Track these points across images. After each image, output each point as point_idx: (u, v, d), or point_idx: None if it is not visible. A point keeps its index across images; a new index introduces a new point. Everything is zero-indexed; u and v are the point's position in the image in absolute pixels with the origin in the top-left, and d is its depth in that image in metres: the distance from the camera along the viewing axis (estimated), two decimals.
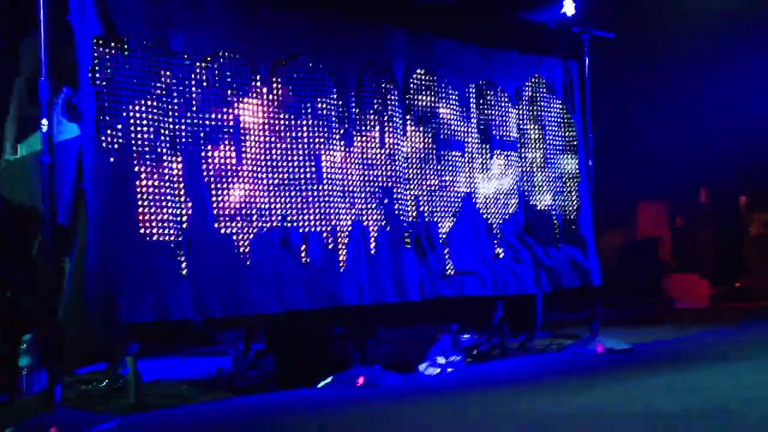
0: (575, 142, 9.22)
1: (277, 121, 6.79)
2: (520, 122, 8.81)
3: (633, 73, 11.12)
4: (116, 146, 5.73)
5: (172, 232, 6.01)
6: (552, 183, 9.04)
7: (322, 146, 7.07)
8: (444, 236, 8.02)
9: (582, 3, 9.15)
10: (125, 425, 5.62)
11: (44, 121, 5.30)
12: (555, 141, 9.13)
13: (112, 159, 5.71)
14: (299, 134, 6.92)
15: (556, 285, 8.87)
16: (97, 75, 5.64)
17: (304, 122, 6.96)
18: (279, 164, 6.79)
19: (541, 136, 8.98)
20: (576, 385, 6.88)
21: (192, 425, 5.82)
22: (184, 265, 6.04)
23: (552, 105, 9.12)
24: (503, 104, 8.67)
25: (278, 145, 6.80)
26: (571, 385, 6.86)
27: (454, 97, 8.20)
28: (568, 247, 9.02)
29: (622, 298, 10.96)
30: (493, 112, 8.56)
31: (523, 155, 8.80)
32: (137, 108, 5.89)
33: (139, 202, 5.83)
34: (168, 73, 6.09)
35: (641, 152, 11.69)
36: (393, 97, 7.62)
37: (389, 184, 7.55)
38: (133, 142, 5.87)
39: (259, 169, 6.66)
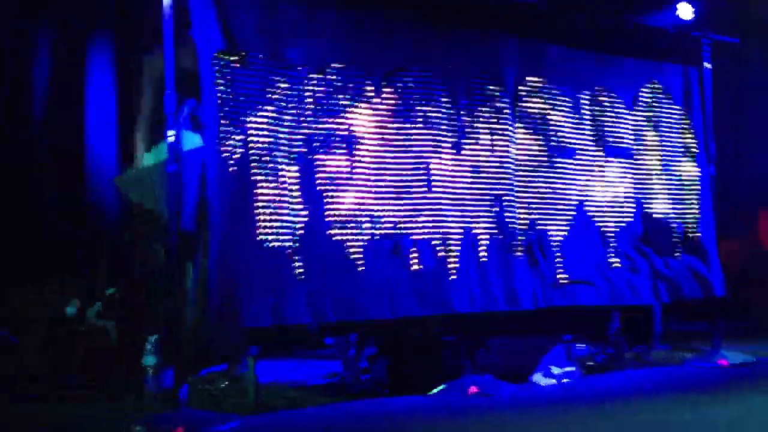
0: (695, 149, 8.90)
1: (388, 130, 6.88)
2: (636, 129, 8.57)
3: (755, 77, 10.62)
4: (237, 156, 5.97)
5: (288, 238, 6.19)
6: (670, 190, 8.74)
7: (432, 154, 7.11)
8: (557, 244, 7.90)
9: (702, 6, 8.83)
10: (246, 427, 5.78)
11: (170, 132, 5.57)
12: (673, 147, 8.82)
13: (232, 168, 5.95)
14: (410, 142, 6.99)
15: (676, 296, 8.55)
16: (219, 87, 5.89)
17: (415, 130, 7.03)
18: (390, 172, 6.88)
19: (658, 143, 8.70)
20: (697, 398, 6.60)
21: (308, 429, 5.92)
22: (300, 270, 6.21)
23: (670, 111, 8.84)
24: (618, 111, 8.45)
25: (389, 154, 6.89)
26: (692, 399, 6.59)
27: (566, 103, 8.07)
28: (688, 257, 8.69)
29: (744, 311, 10.44)
30: (608, 118, 8.36)
31: (639, 162, 8.55)
32: (256, 118, 6.11)
33: (258, 210, 6.03)
34: (284, 83, 6.29)
35: (764, 159, 11.14)
36: (504, 105, 7.57)
37: (500, 192, 7.51)
38: (252, 151, 6.09)
39: (370, 177, 6.76)
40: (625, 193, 8.43)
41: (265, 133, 6.16)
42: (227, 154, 5.95)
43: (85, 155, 6.12)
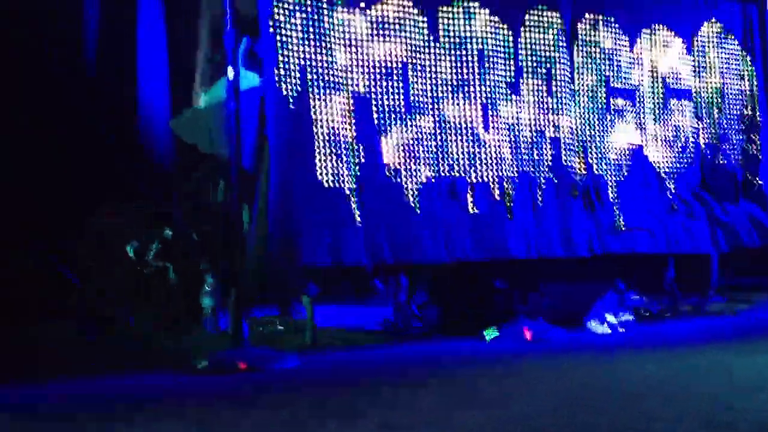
0: (756, 92, 8.62)
1: (442, 67, 6.74)
2: (696, 69, 8.32)
3: None
4: (295, 93, 5.90)
5: (346, 178, 6.13)
6: (731, 135, 8.50)
7: (489, 93, 6.97)
8: (614, 189, 7.73)
9: None
10: (306, 365, 5.77)
11: (229, 69, 5.48)
12: (734, 90, 8.56)
13: (291, 106, 5.89)
14: (465, 81, 6.85)
15: (735, 244, 8.36)
16: (277, 24, 5.79)
17: (471, 68, 6.89)
18: (445, 111, 6.76)
19: (719, 85, 8.44)
20: (745, 346, 6.45)
21: (365, 367, 5.89)
22: (358, 212, 6.16)
23: (730, 52, 8.55)
24: (677, 50, 8.21)
25: (445, 92, 6.76)
26: (741, 347, 6.44)
27: (624, 42, 7.84)
28: (748, 203, 8.48)
29: None
30: (667, 58, 8.12)
31: (698, 105, 8.32)
32: (312, 55, 6.03)
33: (317, 149, 5.97)
34: (338, 19, 6.19)
35: None
36: (561, 43, 7.38)
37: (557, 134, 7.35)
38: (310, 88, 6.02)
39: (425, 115, 6.65)
40: (684, 137, 8.20)
41: (323, 70, 6.06)
42: (285, 92, 5.86)
43: (138, 98, 6.10)
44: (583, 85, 7.55)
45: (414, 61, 6.49)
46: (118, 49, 6.31)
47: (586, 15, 7.53)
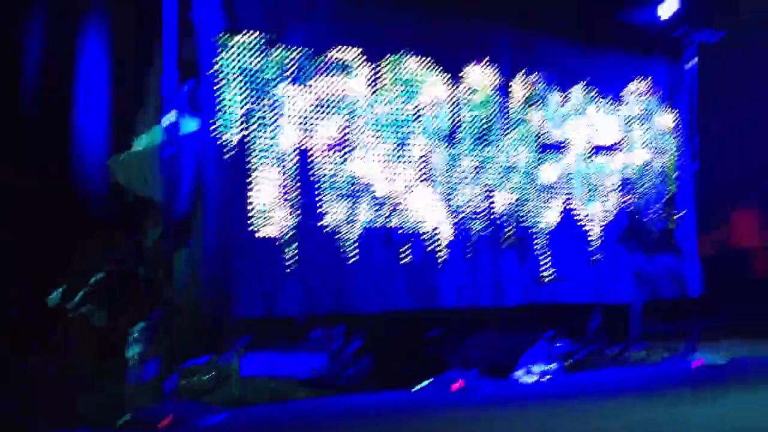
0: (680, 146, 8.95)
1: (383, 117, 6.77)
2: (623, 124, 8.59)
3: (742, 74, 10.72)
4: (235, 140, 5.78)
5: (282, 227, 6.04)
6: (654, 188, 8.78)
7: (427, 145, 7.02)
8: (542, 240, 7.87)
9: (690, 3, 8.85)
10: (232, 420, 5.63)
11: (167, 115, 5.36)
12: (659, 144, 8.84)
13: (230, 154, 5.76)
14: (405, 131, 6.89)
15: (655, 295, 8.62)
16: (218, 69, 5.69)
17: (411, 119, 6.93)
18: (384, 161, 6.77)
19: (644, 139, 8.73)
20: (672, 398, 6.62)
21: (294, 423, 5.81)
22: (292, 261, 6.06)
23: (656, 108, 8.86)
24: (606, 106, 8.46)
25: (384, 143, 6.77)
26: (667, 398, 6.62)
27: (555, 98, 8.04)
28: (668, 256, 8.75)
29: (720, 310, 10.56)
30: (596, 114, 8.36)
31: (625, 158, 8.57)
32: (255, 101, 5.94)
33: (254, 197, 5.86)
34: (284, 66, 6.13)
35: (744, 156, 11.23)
36: (495, 97, 7.53)
37: (490, 186, 7.46)
38: (251, 136, 5.92)
39: (365, 165, 6.64)
40: (609, 189, 8.43)
41: (263, 117, 5.98)
42: (225, 139, 5.75)
43: (75, 138, 5.88)
44: (516, 138, 7.69)
45: (357, 109, 6.49)
46: (57, 87, 6.11)
47: (520, 71, 7.68)
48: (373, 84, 6.70)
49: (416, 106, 6.98)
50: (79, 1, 5.86)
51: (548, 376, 7.61)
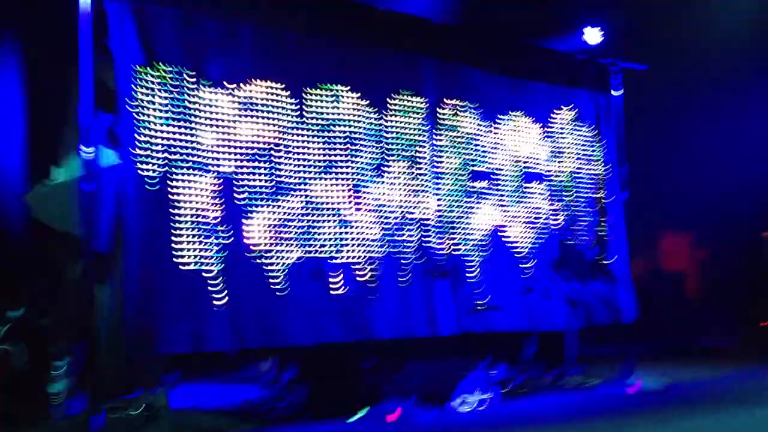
0: (608, 174, 9.12)
1: (310, 149, 6.78)
2: (550, 154, 8.72)
3: (667, 103, 11.04)
4: (155, 173, 5.73)
5: (208, 261, 5.98)
6: (584, 216, 8.92)
7: (355, 176, 7.05)
8: (474, 270, 7.93)
9: (615, 33, 9.08)
10: None
11: (85, 148, 5.30)
12: (587, 173, 8.99)
13: (151, 187, 5.71)
14: (332, 162, 6.91)
15: (588, 321, 8.71)
16: (137, 102, 5.67)
17: (338, 150, 6.96)
18: (312, 193, 6.78)
19: (572, 168, 8.87)
20: (607, 425, 6.68)
21: None
22: (220, 295, 6.01)
23: (584, 136, 9.01)
24: (535, 135, 8.59)
25: (311, 174, 6.78)
26: (603, 425, 6.67)
27: (484, 127, 8.15)
28: (600, 283, 8.86)
29: (654, 333, 10.73)
30: (525, 143, 8.49)
31: (553, 188, 8.69)
32: (175, 135, 5.91)
33: (177, 230, 5.81)
34: (204, 99, 6.12)
35: (671, 182, 11.53)
36: (424, 127, 7.60)
37: (422, 215, 7.50)
38: (171, 169, 5.87)
39: (292, 197, 6.64)
40: (540, 218, 8.54)
41: (185, 150, 5.95)
42: (145, 172, 5.70)
43: None
44: (446, 168, 7.77)
45: (281, 142, 6.49)
46: None
47: (447, 101, 7.78)
48: (299, 116, 6.71)
49: (345, 137, 7.00)
50: None
51: (483, 405, 7.63)
